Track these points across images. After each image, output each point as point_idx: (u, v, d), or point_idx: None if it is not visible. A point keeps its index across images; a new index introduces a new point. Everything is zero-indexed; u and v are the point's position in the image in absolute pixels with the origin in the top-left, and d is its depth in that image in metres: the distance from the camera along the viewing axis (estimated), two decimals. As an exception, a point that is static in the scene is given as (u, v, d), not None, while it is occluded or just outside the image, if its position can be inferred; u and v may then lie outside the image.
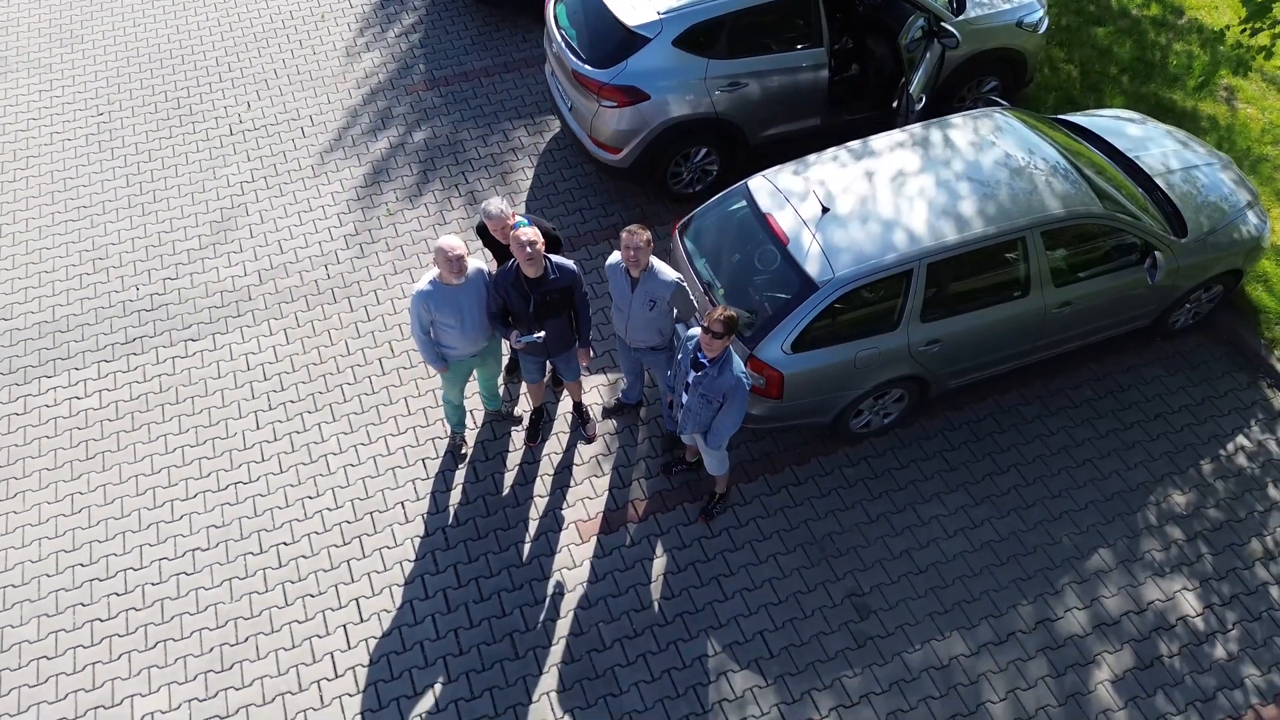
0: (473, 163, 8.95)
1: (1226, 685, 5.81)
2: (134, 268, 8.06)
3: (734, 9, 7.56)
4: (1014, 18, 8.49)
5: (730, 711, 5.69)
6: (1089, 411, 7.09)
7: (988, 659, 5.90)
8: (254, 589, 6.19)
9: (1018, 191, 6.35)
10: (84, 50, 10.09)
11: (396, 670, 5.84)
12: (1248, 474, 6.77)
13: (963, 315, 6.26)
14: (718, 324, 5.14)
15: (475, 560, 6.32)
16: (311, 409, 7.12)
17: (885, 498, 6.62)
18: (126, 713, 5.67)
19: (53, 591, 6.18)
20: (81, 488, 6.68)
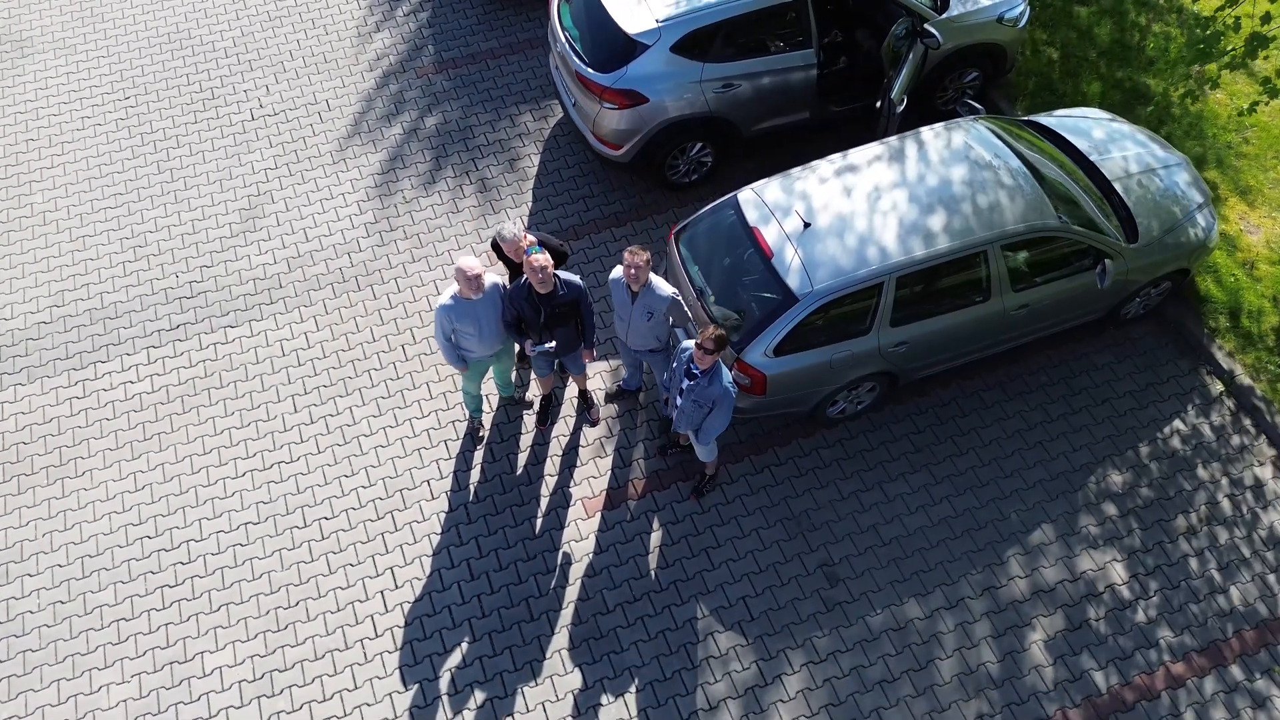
0: (482, 149, 9.53)
1: (1143, 645, 6.76)
2: (172, 255, 8.74)
3: (728, 16, 8.06)
4: (995, 14, 8.95)
5: (715, 667, 6.65)
6: (1043, 397, 7.88)
7: (939, 621, 6.83)
8: (301, 559, 7.09)
9: (981, 207, 7.00)
10: (105, 30, 10.52)
11: (428, 630, 6.78)
12: (1180, 455, 7.61)
13: (928, 319, 6.99)
14: (709, 342, 5.89)
15: (494, 533, 7.20)
16: (343, 393, 7.91)
17: (856, 477, 7.47)
18: (198, 666, 6.63)
19: (125, 560, 7.08)
20: (142, 466, 7.52)
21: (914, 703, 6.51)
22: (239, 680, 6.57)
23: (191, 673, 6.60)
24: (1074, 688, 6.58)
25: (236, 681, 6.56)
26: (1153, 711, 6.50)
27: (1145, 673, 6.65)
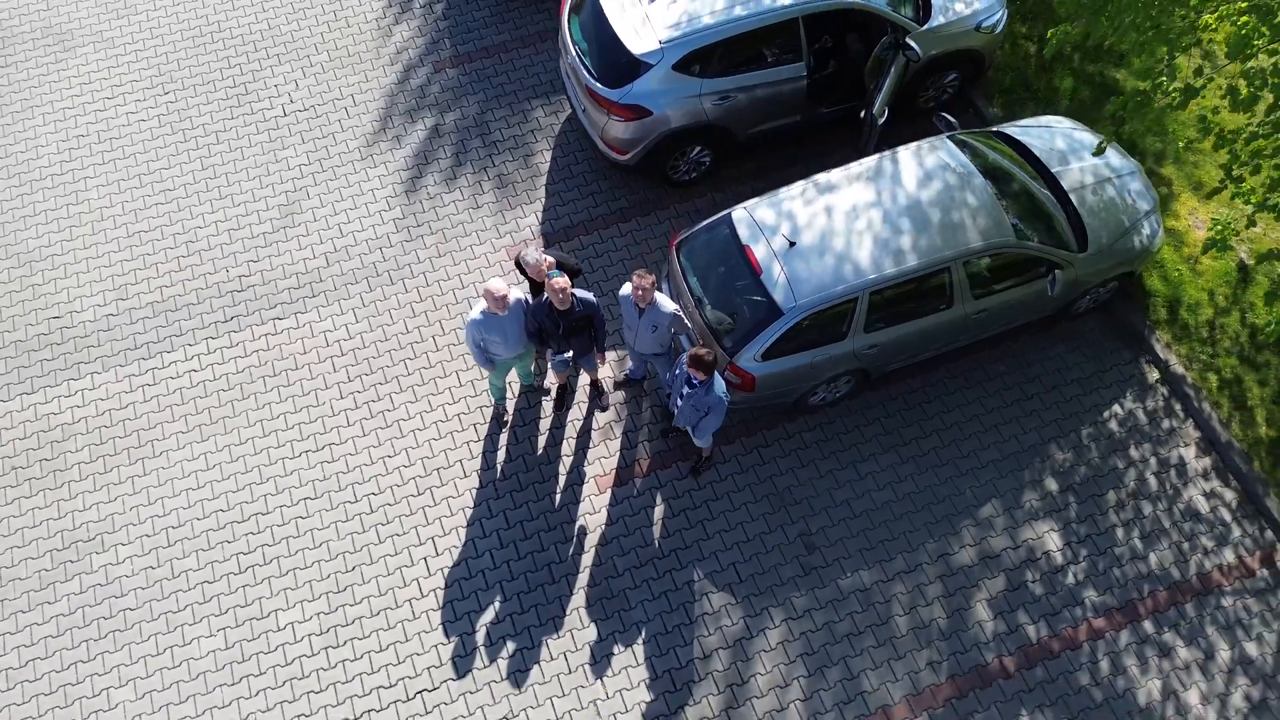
0: (499, 145, 10.35)
1: (1070, 604, 8.00)
2: (220, 250, 9.68)
3: (725, 36, 8.82)
4: (974, 23, 9.68)
5: (709, 622, 7.90)
6: (1000, 384, 8.96)
7: (898, 583, 8.06)
8: (354, 530, 8.27)
9: (946, 226, 7.95)
10: (139, 22, 11.19)
11: (465, 592, 8.01)
12: (1116, 437, 8.73)
13: (898, 325, 8.01)
14: (700, 365, 6.93)
15: (519, 507, 8.37)
16: (382, 380, 8.97)
17: (833, 457, 8.60)
18: (273, 622, 7.87)
19: (203, 531, 8.26)
20: (210, 447, 8.64)
21: (875, 652, 7.79)
22: (308, 634, 7.83)
23: (268, 627, 7.86)
24: (1010, 639, 7.85)
25: (306, 635, 7.83)
26: (1074, 660, 7.78)
27: (1071, 626, 7.91)
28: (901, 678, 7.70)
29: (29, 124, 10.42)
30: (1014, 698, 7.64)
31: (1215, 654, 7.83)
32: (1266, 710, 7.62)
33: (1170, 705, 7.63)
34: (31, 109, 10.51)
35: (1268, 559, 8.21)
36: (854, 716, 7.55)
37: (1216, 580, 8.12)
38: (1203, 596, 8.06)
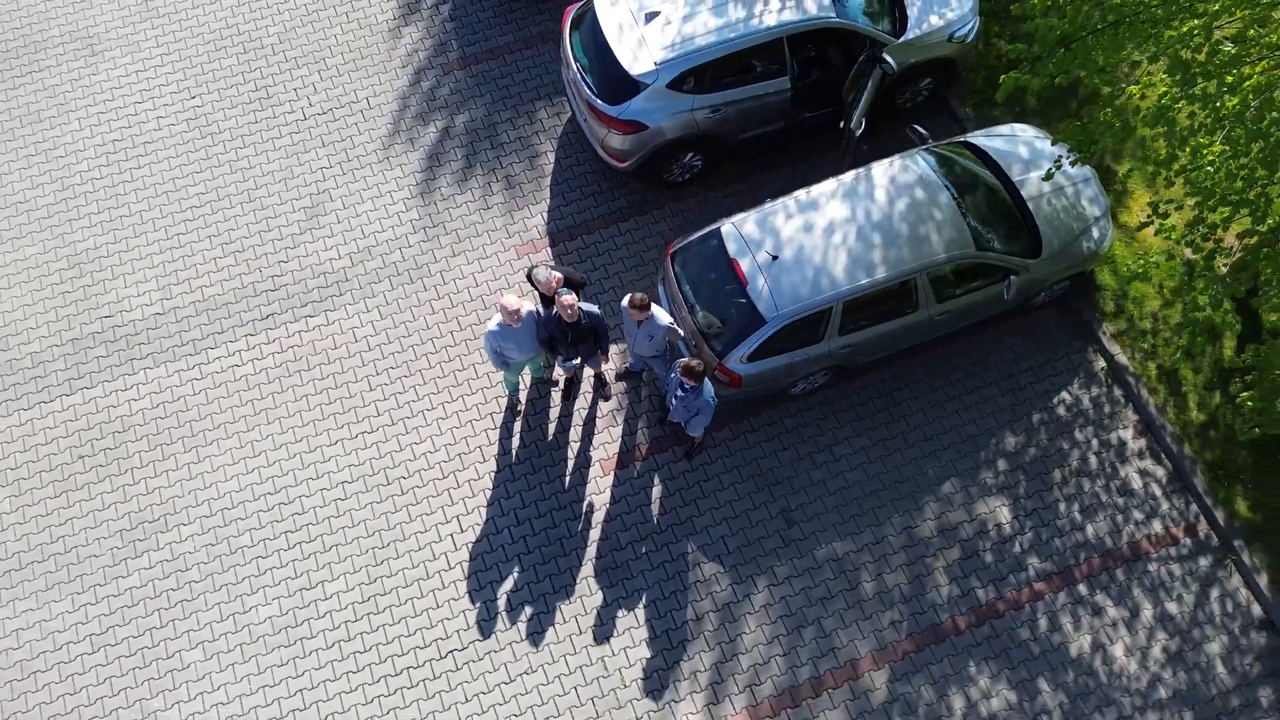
0: (505, 147, 11.17)
1: (1016, 570, 9.20)
2: (253, 251, 10.58)
3: (715, 56, 9.61)
4: (947, 34, 10.45)
5: (700, 588, 9.09)
6: (961, 374, 10.01)
7: (866, 554, 9.24)
8: (386, 510, 9.39)
9: (913, 240, 8.90)
10: (162, 26, 11.86)
11: (488, 564, 9.17)
12: (1063, 420, 9.83)
13: (869, 328, 9.02)
14: (691, 374, 7.96)
15: (533, 488, 9.48)
16: (406, 373, 9.99)
17: (811, 441, 9.70)
18: (321, 592, 9.04)
19: (254, 512, 9.38)
20: (255, 436, 9.70)
21: (845, 613, 9.01)
22: (352, 602, 9.01)
23: (316, 596, 9.04)
24: (962, 601, 9.07)
25: (350, 603, 9.01)
26: (1017, 618, 9.01)
27: (1015, 589, 9.12)
28: (868, 635, 8.94)
29: (66, 128, 11.20)
30: (963, 651, 8.89)
31: (1140, 612, 9.07)
32: (1181, 661, 8.89)
33: (1098, 657, 8.89)
34: (67, 114, 11.28)
35: (1190, 529, 9.39)
36: (826, 668, 8.80)
37: (1145, 548, 9.32)
38: (1132, 563, 9.27)
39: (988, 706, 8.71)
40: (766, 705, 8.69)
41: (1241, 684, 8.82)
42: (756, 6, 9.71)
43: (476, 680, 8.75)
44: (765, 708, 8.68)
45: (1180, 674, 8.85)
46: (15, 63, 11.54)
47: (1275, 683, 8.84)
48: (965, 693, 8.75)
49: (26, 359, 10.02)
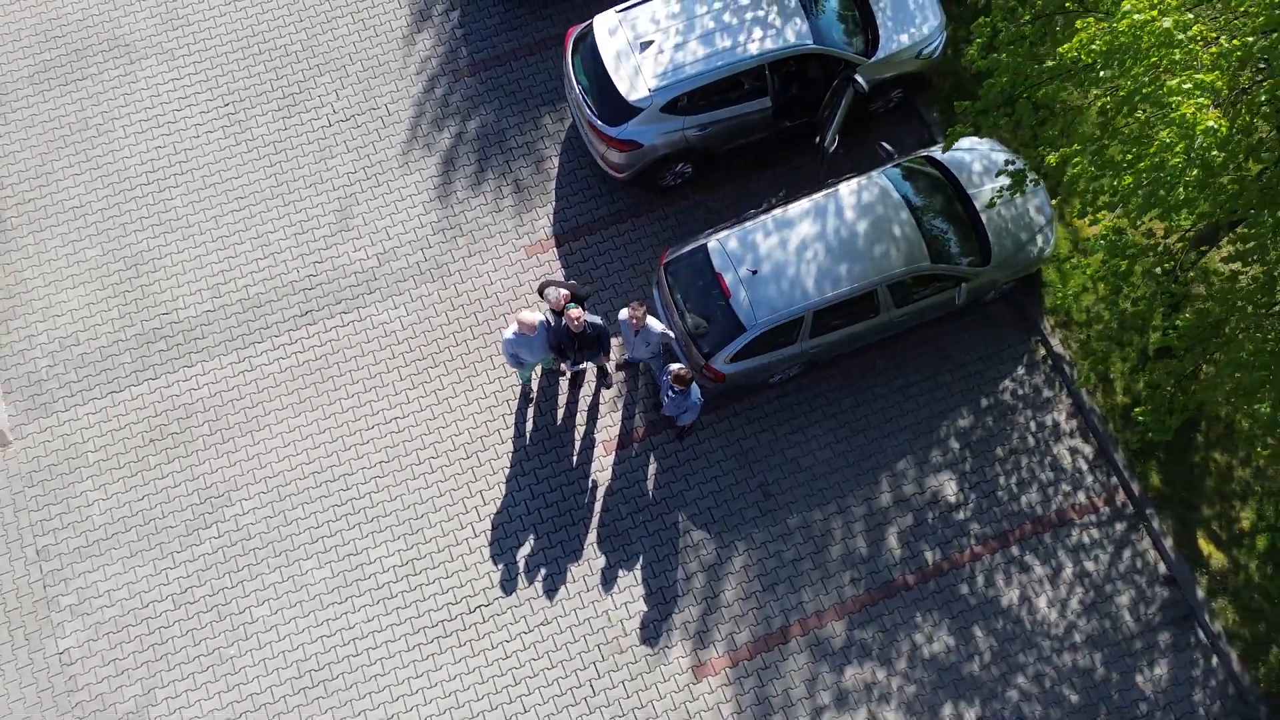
0: (514, 151, 12.37)
1: (959, 535, 10.85)
2: (290, 252, 11.89)
3: (704, 83, 10.78)
4: (915, 52, 11.57)
5: (689, 552, 10.74)
6: (918, 363, 11.47)
7: (833, 522, 10.87)
8: (419, 486, 10.96)
9: (875, 255, 10.27)
10: (193, 33, 12.87)
11: (507, 532, 10.79)
12: (1007, 404, 11.35)
13: (836, 331, 10.45)
14: (680, 381, 9.43)
15: (544, 466, 11.05)
16: (432, 364, 11.44)
17: (787, 423, 11.23)
18: (366, 556, 10.68)
19: (305, 488, 10.95)
20: (302, 421, 11.19)
21: (812, 573, 10.69)
22: (392, 565, 10.67)
23: (362, 560, 10.68)
24: (912, 562, 10.75)
25: (391, 566, 10.66)
26: (958, 575, 10.71)
27: (958, 552, 10.79)
28: (831, 591, 10.64)
29: (112, 136, 12.36)
30: (911, 604, 10.61)
31: (1062, 570, 10.77)
32: (1095, 611, 10.62)
33: (1024, 608, 10.62)
34: (112, 121, 12.42)
35: (1110, 499, 11.02)
36: (795, 619, 10.53)
37: (1070, 515, 10.96)
38: (1058, 528, 10.92)
39: (930, 649, 10.48)
40: (744, 650, 10.44)
41: (1145, 630, 10.58)
42: (740, 36, 10.85)
43: (501, 630, 10.48)
44: (743, 652, 10.43)
45: (1093, 621, 10.60)
46: (60, 71, 12.62)
47: (1174, 629, 10.59)
48: (911, 638, 10.50)
49: (96, 353, 11.44)
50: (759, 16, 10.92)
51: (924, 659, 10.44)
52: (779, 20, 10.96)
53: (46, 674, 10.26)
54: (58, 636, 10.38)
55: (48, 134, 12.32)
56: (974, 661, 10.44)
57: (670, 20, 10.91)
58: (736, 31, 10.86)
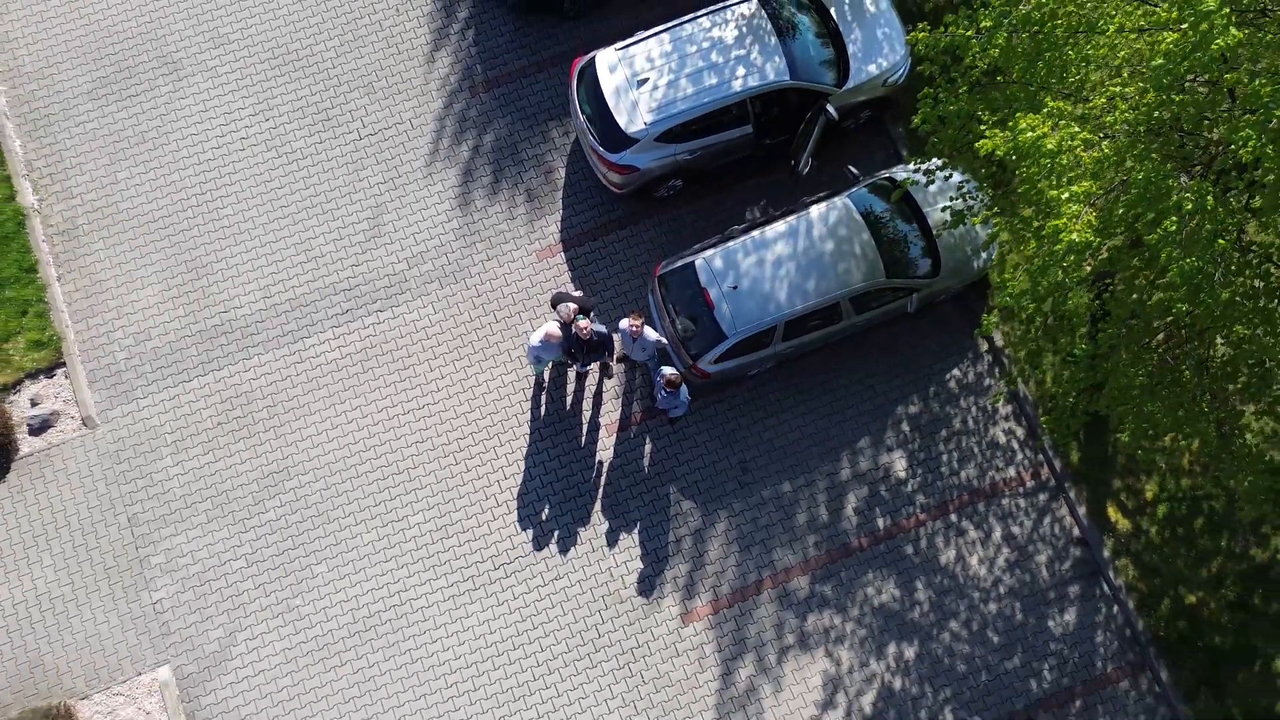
0: (525, 162, 14.08)
1: (906, 504, 13.00)
2: (330, 257, 13.71)
3: (693, 116, 12.48)
4: (883, 80, 13.22)
5: (678, 519, 12.90)
6: (877, 357, 13.46)
7: (800, 493, 13.00)
8: (449, 462, 13.05)
9: (839, 272, 12.16)
10: (232, 51, 14.41)
11: (525, 502, 12.93)
12: (952, 392, 13.37)
13: (805, 335, 12.40)
14: (671, 384, 11.43)
15: (556, 445, 13.12)
16: (457, 357, 13.40)
17: (762, 409, 13.26)
18: (407, 523, 12.82)
19: (351, 466, 13.03)
20: (347, 408, 13.20)
21: (781, 536, 12.88)
22: (429, 530, 12.83)
23: (404, 525, 12.84)
24: (866, 527, 12.93)
25: (428, 530, 12.83)
26: (905, 539, 12.90)
27: (905, 519, 12.96)
28: (797, 551, 12.85)
29: (166, 149, 14.04)
30: (865, 563, 12.83)
31: (992, 534, 12.96)
32: (1018, 567, 12.85)
33: (959, 565, 12.85)
34: (166, 135, 14.08)
35: (1035, 474, 13.16)
36: (766, 575, 12.76)
37: (1001, 488, 13.11)
38: (990, 498, 13.08)
39: (879, 600, 12.75)
40: (724, 599, 12.71)
41: (1058, 583, 12.84)
42: (726, 73, 12.50)
43: (521, 584, 12.72)
44: (723, 601, 12.70)
45: (1016, 575, 12.85)
46: (115, 87, 14.21)
47: (1082, 582, 12.85)
48: (864, 591, 12.76)
49: (166, 347, 13.38)
50: (742, 55, 12.56)
51: (873, 608, 12.72)
52: (760, 58, 12.60)
53: (144, 620, 12.51)
54: (151, 590, 12.60)
55: (109, 147, 14.01)
56: (915, 610, 12.72)
57: (664, 59, 12.56)
58: (722, 69, 12.51)
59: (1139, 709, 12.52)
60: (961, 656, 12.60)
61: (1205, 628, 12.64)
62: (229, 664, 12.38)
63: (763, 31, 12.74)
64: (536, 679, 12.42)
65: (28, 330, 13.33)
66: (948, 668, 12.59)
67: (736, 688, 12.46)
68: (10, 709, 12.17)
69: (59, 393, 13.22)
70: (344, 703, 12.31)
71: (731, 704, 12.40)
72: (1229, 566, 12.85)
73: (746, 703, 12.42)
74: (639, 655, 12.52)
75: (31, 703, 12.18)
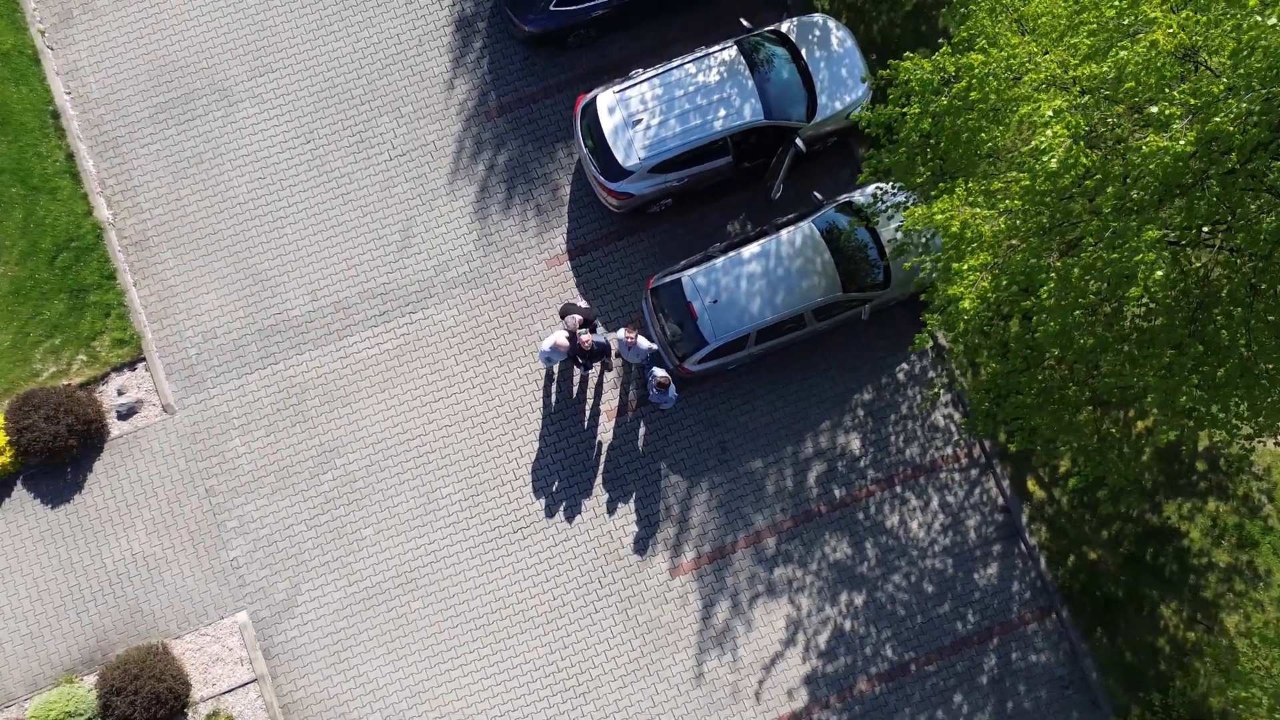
0: (535, 180, 16.41)
1: (859, 477, 15.72)
2: (367, 264, 16.13)
3: (682, 151, 14.80)
4: (846, 114, 15.48)
5: (668, 489, 15.64)
6: (838, 352, 16.05)
7: (770, 469, 15.71)
8: (474, 442, 15.73)
9: (802, 288, 14.64)
10: (277, 79, 16.57)
11: (537, 475, 15.64)
12: (901, 382, 15.97)
13: (775, 339, 14.94)
14: (661, 385, 14.02)
15: (564, 431, 15.78)
16: (479, 352, 15.95)
17: (739, 397, 15.89)
18: (440, 493, 15.53)
19: (391, 447, 15.69)
20: (385, 398, 15.81)
21: (753, 504, 15.64)
22: (459, 498, 15.56)
23: (437, 495, 15.58)
24: (823, 497, 15.69)
25: (457, 499, 15.56)
26: (857, 507, 15.69)
27: (857, 491, 15.69)
28: (767, 517, 15.63)
29: (221, 169, 16.34)
30: (824, 527, 15.63)
31: (930, 502, 15.72)
32: (950, 530, 15.65)
33: (902, 528, 15.64)
34: (220, 156, 16.36)
35: (969, 453, 15.87)
36: (741, 536, 15.57)
37: (939, 464, 15.83)
38: (930, 473, 15.81)
39: (834, 557, 15.58)
40: (705, 557, 15.54)
41: (983, 543, 15.66)
42: (708, 115, 14.79)
43: (535, 543, 15.53)
44: (704, 558, 15.54)
45: (948, 537, 15.66)
46: (174, 113, 16.44)
47: (1003, 542, 15.68)
48: (822, 550, 15.58)
49: (230, 344, 15.92)
50: (722, 98, 14.85)
51: (829, 563, 15.55)
52: (738, 100, 14.89)
53: (222, 575, 15.33)
54: (227, 549, 15.39)
55: (171, 166, 16.32)
56: (863, 565, 15.57)
57: (655, 102, 14.84)
58: (705, 111, 14.80)
59: (1045, 645, 15.49)
60: (901, 603, 15.50)
61: (1103, 579, 15.52)
62: (295, 609, 15.27)
63: (740, 76, 15.01)
64: (548, 623, 15.34)
65: (111, 330, 15.87)
66: (889, 612, 15.51)
67: (715, 629, 15.38)
68: (117, 647, 15.09)
69: (141, 384, 15.82)
70: (390, 640, 15.25)
71: (710, 642, 15.34)
72: (1125, 529, 15.69)
73: (723, 641, 15.36)
74: (634, 602, 15.40)
75: (134, 642, 15.10)
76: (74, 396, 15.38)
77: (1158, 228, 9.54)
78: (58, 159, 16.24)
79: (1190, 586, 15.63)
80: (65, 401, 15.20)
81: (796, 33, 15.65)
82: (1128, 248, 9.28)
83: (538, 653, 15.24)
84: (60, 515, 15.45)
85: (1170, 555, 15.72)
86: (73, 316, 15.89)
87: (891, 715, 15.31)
